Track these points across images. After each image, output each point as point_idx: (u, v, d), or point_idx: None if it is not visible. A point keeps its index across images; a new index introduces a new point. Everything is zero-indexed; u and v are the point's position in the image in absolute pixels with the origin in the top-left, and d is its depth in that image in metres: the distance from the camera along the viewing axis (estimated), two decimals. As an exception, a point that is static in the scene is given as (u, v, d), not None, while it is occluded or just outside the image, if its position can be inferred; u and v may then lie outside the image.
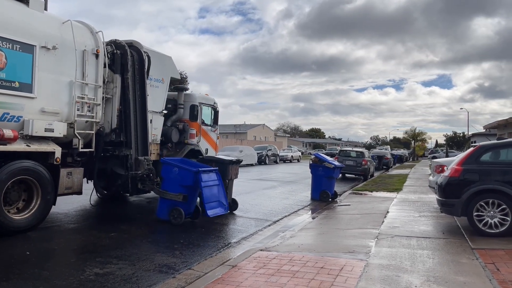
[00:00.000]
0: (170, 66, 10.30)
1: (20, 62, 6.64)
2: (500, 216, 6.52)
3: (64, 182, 7.34)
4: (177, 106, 11.07)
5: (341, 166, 13.41)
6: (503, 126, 32.31)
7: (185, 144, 10.96)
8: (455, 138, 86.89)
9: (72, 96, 7.52)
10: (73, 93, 7.53)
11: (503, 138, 22.65)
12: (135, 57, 8.94)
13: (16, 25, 6.63)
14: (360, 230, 7.41)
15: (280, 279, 4.53)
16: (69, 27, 7.52)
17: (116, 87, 8.57)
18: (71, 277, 4.70)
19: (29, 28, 6.84)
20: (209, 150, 11.94)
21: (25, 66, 6.71)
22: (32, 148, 6.73)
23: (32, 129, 6.74)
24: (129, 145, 8.63)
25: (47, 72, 7.06)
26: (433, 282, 4.46)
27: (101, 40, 8.19)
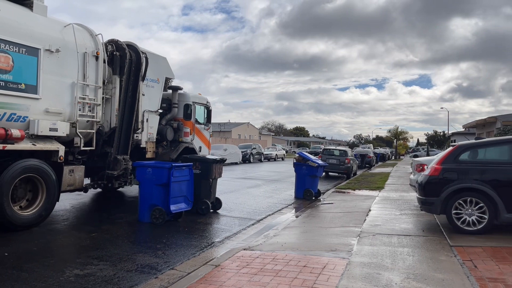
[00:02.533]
0: (165, 67, 10.54)
1: (25, 64, 6.90)
2: (477, 214, 6.68)
3: (67, 179, 7.62)
4: (171, 105, 11.33)
5: (325, 164, 13.53)
6: (482, 125, 33.09)
7: (180, 142, 11.22)
8: (436, 137, 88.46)
9: (74, 97, 7.84)
10: (75, 94, 7.84)
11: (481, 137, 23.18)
12: (133, 59, 9.16)
13: (22, 29, 6.89)
14: (343, 229, 7.49)
15: (263, 278, 4.55)
16: (70, 30, 7.84)
17: (114, 87, 8.86)
18: (50, 279, 4.62)
19: (34, 32, 7.11)
20: (202, 147, 12.21)
21: (30, 68, 6.97)
22: (38, 147, 7.00)
23: (37, 128, 7.02)
24: (111, 144, 8.80)
25: (50, 74, 7.35)
26: (412, 279, 4.54)
27: (100, 42, 8.47)
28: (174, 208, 7.76)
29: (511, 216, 6.54)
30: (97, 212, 8.83)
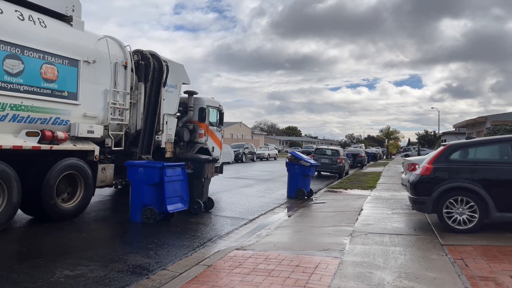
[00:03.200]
0: (182, 73, 11.41)
1: (68, 74, 7.77)
2: (468, 213, 6.73)
3: (100, 176, 8.47)
4: (187, 108, 12.16)
5: (317, 164, 13.56)
6: (472, 125, 33.44)
7: (195, 143, 12.07)
8: (427, 137, 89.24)
9: (107, 102, 8.69)
10: (108, 100, 8.70)
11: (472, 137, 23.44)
12: (156, 67, 9.99)
13: (65, 43, 7.77)
14: (335, 228, 7.51)
15: (255, 278, 4.53)
16: (104, 42, 8.70)
17: (140, 93, 9.68)
18: (40, 280, 4.55)
19: (74, 45, 7.99)
20: (215, 148, 13.03)
21: (71, 78, 7.84)
22: (78, 147, 7.93)
23: (78, 131, 7.89)
24: (137, 144, 9.64)
25: (88, 82, 8.20)
26: (404, 278, 4.56)
27: (128, 53, 9.35)
28: (171, 208, 7.70)
29: (501, 215, 6.61)
30: (87, 212, 8.73)
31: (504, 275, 4.63)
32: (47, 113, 7.43)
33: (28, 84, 7.07)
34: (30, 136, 7.09)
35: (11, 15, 6.93)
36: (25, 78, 7.01)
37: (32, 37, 7.16)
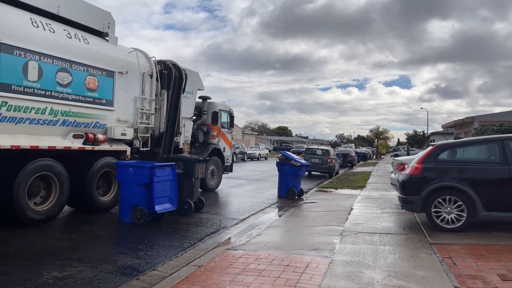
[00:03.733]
0: (197, 80, 12.49)
1: (105, 84, 8.81)
2: (456, 212, 6.81)
3: None
4: (201, 112, 13.36)
5: (307, 164, 13.60)
6: (460, 125, 33.86)
7: (209, 144, 13.22)
8: (416, 137, 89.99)
9: (136, 108, 9.76)
10: (137, 106, 9.78)
11: (460, 137, 23.76)
12: (177, 76, 11.01)
13: (103, 57, 8.83)
14: (325, 227, 7.54)
15: (246, 278, 4.53)
16: (134, 55, 9.79)
17: (163, 99, 10.71)
18: (28, 281, 4.50)
19: (111, 58, 9.05)
20: (225, 148, 14.18)
21: (108, 87, 8.89)
22: (113, 148, 8.97)
23: (113, 133, 8.94)
24: (160, 145, 10.60)
25: (121, 90, 9.24)
26: (393, 277, 4.60)
27: (153, 63, 10.42)
28: (159, 208, 7.68)
29: (488, 214, 6.70)
30: (76, 213, 8.65)
31: (492, 274, 4.69)
32: (89, 118, 8.51)
33: (75, 93, 8.13)
34: (76, 138, 8.17)
35: (61, 34, 7.97)
36: (73, 88, 8.06)
37: (78, 53, 8.21)
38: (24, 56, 7.15)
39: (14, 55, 6.98)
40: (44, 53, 7.47)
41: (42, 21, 7.66)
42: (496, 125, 21.72)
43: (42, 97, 7.45)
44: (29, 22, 7.38)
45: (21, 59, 7.10)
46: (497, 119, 25.68)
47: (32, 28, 7.38)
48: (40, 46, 7.42)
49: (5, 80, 6.84)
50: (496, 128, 20.59)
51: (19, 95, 7.07)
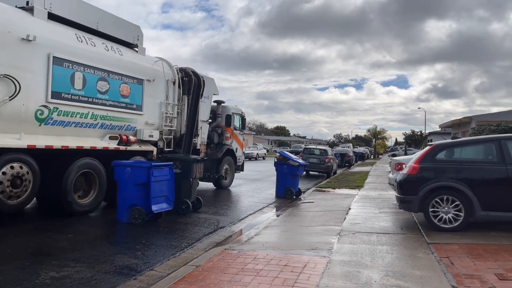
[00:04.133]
0: (213, 86, 13.47)
1: (136, 91, 9.75)
2: (454, 212, 6.82)
3: None
4: (216, 115, 14.33)
5: (305, 164, 13.61)
6: (457, 125, 33.97)
7: (223, 145, 14.06)
8: (413, 137, 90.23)
9: (161, 112, 10.66)
10: (162, 110, 10.68)
11: (457, 137, 23.81)
12: (196, 82, 11.91)
13: (134, 66, 9.78)
14: (323, 227, 7.54)
15: (244, 278, 4.53)
16: (160, 64, 10.76)
17: (184, 104, 11.61)
18: (25, 282, 4.48)
19: (140, 68, 9.99)
20: (238, 149, 15.10)
21: (138, 93, 9.82)
22: (142, 148, 9.88)
23: (142, 135, 9.83)
24: (180, 146, 11.45)
25: (149, 96, 10.13)
26: (391, 277, 4.61)
27: (176, 71, 11.36)
28: (155, 208, 7.67)
29: (486, 213, 6.72)
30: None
31: (489, 273, 4.71)
32: (122, 121, 9.42)
33: (112, 99, 9.06)
34: (112, 139, 9.09)
35: (100, 47, 8.90)
36: (110, 95, 9.00)
37: (114, 63, 9.12)
38: (71, 68, 8.10)
39: (63, 67, 7.93)
40: (87, 64, 8.42)
41: (85, 36, 8.62)
42: (493, 125, 21.78)
43: (85, 103, 8.41)
44: (75, 37, 8.37)
45: (69, 70, 8.06)
46: (495, 119, 25.77)
47: (77, 42, 8.36)
48: (84, 58, 8.35)
49: (57, 89, 7.79)
50: (493, 128, 20.65)
51: (68, 102, 8.03)
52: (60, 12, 8.20)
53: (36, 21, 7.62)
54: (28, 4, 7.68)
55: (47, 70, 7.60)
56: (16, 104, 7.10)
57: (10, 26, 7.04)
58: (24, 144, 7.19)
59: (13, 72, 7.01)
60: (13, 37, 7.05)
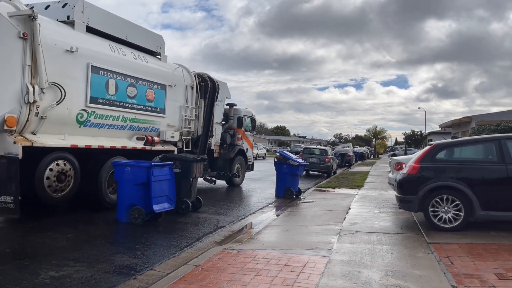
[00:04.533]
0: (225, 89, 14.29)
1: (159, 96, 10.55)
2: (453, 212, 6.82)
3: None
4: (228, 117, 15.16)
5: (305, 163, 13.60)
6: (457, 125, 33.96)
7: (235, 145, 14.88)
8: (413, 136, 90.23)
9: (181, 115, 11.56)
10: (181, 113, 11.58)
11: (457, 136, 23.81)
12: (211, 86, 12.78)
13: (158, 73, 10.59)
14: (323, 227, 7.54)
15: (243, 277, 4.52)
16: (180, 70, 11.66)
17: (200, 107, 12.54)
18: (25, 281, 4.48)
19: (163, 74, 10.81)
20: (248, 149, 15.89)
21: (161, 98, 10.62)
22: (165, 148, 10.67)
23: (165, 136, 10.67)
24: (197, 146, 12.31)
25: (170, 100, 10.96)
26: (391, 276, 4.60)
27: (194, 77, 12.25)
28: (157, 208, 7.66)
29: (485, 213, 6.72)
30: (73, 212, 8.62)
31: (489, 273, 4.70)
32: (148, 123, 10.22)
33: (139, 104, 9.83)
34: (139, 140, 9.88)
35: (129, 56, 9.74)
36: (137, 100, 9.78)
37: (141, 70, 9.91)
38: (106, 75, 8.90)
39: (99, 75, 8.72)
40: (119, 72, 9.22)
41: (116, 46, 9.45)
42: (493, 124, 21.77)
43: (117, 107, 9.20)
44: (109, 47, 9.19)
45: (104, 77, 8.86)
46: (494, 119, 25.76)
47: (111, 52, 9.18)
48: (116, 66, 9.15)
49: (94, 94, 8.59)
50: (493, 128, 20.63)
51: (103, 106, 8.83)
52: (96, 25, 9.05)
53: (77, 34, 8.48)
54: (69, 19, 8.53)
55: (86, 77, 8.42)
56: (61, 108, 7.93)
57: (57, 40, 7.85)
58: (68, 144, 8.05)
59: (59, 80, 7.81)
60: (59, 49, 7.85)
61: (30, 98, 7.22)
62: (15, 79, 7.17)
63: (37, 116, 7.48)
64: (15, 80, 7.17)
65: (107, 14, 9.51)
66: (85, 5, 8.75)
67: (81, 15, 8.65)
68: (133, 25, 10.41)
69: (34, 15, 7.19)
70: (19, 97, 7.20)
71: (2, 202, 6.75)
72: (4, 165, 6.88)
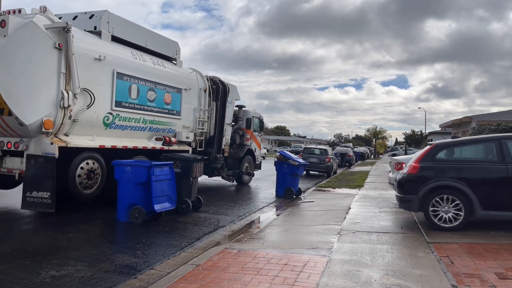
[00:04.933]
0: (235, 92, 15.00)
1: (176, 99, 11.27)
2: (454, 211, 6.83)
3: None
4: (237, 118, 15.85)
5: (306, 163, 13.61)
6: (458, 125, 33.96)
7: (244, 145, 15.52)
8: (414, 136, 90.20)
9: (195, 117, 12.30)
10: (195, 115, 12.31)
11: (458, 136, 23.81)
12: (222, 89, 13.59)
13: (174, 77, 11.28)
14: (323, 226, 7.54)
15: (244, 277, 4.53)
16: (194, 75, 12.42)
17: (212, 109, 13.30)
18: (25, 280, 4.48)
19: (179, 78, 11.51)
20: (256, 149, 16.45)
21: (177, 101, 11.34)
22: (180, 148, 11.34)
23: (181, 137, 11.39)
24: (212, 146, 13.17)
25: (185, 103, 11.71)
26: (391, 276, 4.61)
27: (207, 80, 12.98)
28: (158, 208, 7.66)
29: (486, 213, 6.72)
30: (73, 212, 8.62)
31: (489, 272, 4.71)
32: (165, 125, 10.92)
33: (158, 107, 10.53)
34: (157, 140, 10.54)
35: (149, 62, 10.41)
36: (156, 103, 10.47)
37: (159, 75, 10.56)
38: (129, 80, 9.55)
39: (123, 80, 9.38)
40: (140, 77, 9.89)
41: (137, 53, 10.13)
42: (493, 124, 21.77)
43: (138, 110, 9.91)
44: (131, 55, 9.86)
45: (127, 83, 9.52)
46: (495, 118, 25.76)
47: (133, 59, 9.84)
48: (137, 72, 9.81)
49: (119, 98, 9.27)
50: (493, 127, 20.64)
51: (126, 109, 9.52)
52: (120, 34, 9.75)
53: (104, 43, 9.17)
54: (96, 29, 9.25)
55: (112, 83, 9.08)
56: (91, 112, 8.64)
57: (87, 49, 8.52)
58: (97, 144, 8.77)
59: (89, 86, 8.49)
60: (89, 58, 8.53)
61: (65, 103, 7.91)
62: (52, 86, 7.84)
63: (70, 119, 8.17)
64: (52, 86, 7.84)
65: (129, 23, 10.27)
66: (110, 16, 9.48)
67: (106, 25, 9.38)
68: (151, 33, 11.17)
69: (68, 27, 7.82)
70: (55, 102, 7.88)
71: (40, 198, 7.43)
72: (42, 164, 7.57)
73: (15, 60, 7.51)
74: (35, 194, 7.46)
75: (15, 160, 8.20)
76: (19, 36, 7.52)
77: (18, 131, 7.91)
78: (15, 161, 8.20)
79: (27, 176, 7.61)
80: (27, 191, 7.51)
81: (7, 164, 8.31)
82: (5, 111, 7.72)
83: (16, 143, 8.03)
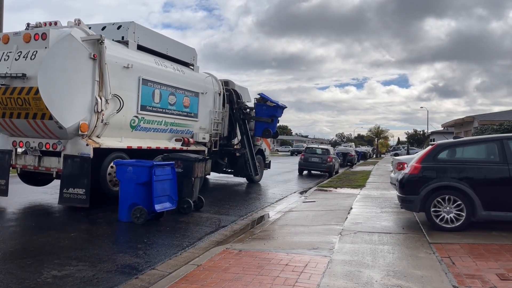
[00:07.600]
0: (247, 94, 15.99)
1: (193, 102, 12.13)
2: (455, 212, 6.81)
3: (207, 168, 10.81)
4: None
5: (284, 106, 15.20)
6: (460, 124, 33.88)
7: (254, 145, 16.01)
8: (416, 136, 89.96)
9: (211, 119, 13.17)
10: (211, 117, 13.19)
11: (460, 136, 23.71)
12: (234, 92, 14.61)
13: (192, 82, 12.11)
14: (325, 227, 7.54)
15: (245, 277, 4.53)
16: (210, 79, 13.31)
17: (226, 111, 14.23)
18: (27, 280, 4.50)
19: (196, 83, 12.34)
20: (265, 149, 17.40)
21: (195, 104, 12.20)
22: (197, 148, 12.23)
23: (198, 138, 12.32)
24: (245, 147, 14.55)
25: (202, 106, 12.55)
26: (392, 276, 4.61)
27: (221, 84, 13.86)
28: (159, 208, 7.69)
29: (487, 213, 6.71)
30: (75, 212, 8.65)
31: (490, 273, 4.70)
32: (184, 127, 11.78)
33: (177, 110, 11.36)
34: (177, 141, 11.42)
35: (170, 68, 11.24)
36: (176, 106, 11.30)
37: (179, 80, 11.39)
38: (152, 86, 10.34)
39: (147, 86, 10.18)
40: (162, 83, 10.68)
41: (159, 60, 10.91)
42: (496, 124, 21.69)
43: (161, 113, 10.71)
44: (154, 62, 10.66)
45: (151, 88, 10.31)
46: (497, 118, 25.68)
47: (155, 66, 10.62)
48: (160, 78, 10.58)
49: (143, 103, 10.07)
50: (496, 127, 20.57)
51: (150, 113, 10.33)
52: (144, 43, 10.58)
53: (131, 52, 9.99)
54: (123, 39, 10.10)
55: (138, 89, 9.86)
56: (119, 116, 9.42)
57: (117, 57, 9.29)
58: (125, 145, 9.60)
59: (118, 92, 9.29)
60: (119, 66, 9.30)
61: (98, 108, 8.70)
62: (87, 92, 8.62)
63: (102, 122, 8.94)
64: (87, 93, 8.62)
65: (152, 32, 11.15)
66: (136, 26, 10.37)
67: (133, 35, 10.22)
68: (172, 41, 11.95)
69: (102, 39, 8.58)
70: (90, 107, 8.66)
71: (76, 194, 8.15)
72: (78, 164, 8.30)
73: (55, 69, 8.16)
74: (72, 191, 8.17)
75: (53, 159, 8.91)
76: (59, 48, 8.19)
77: (57, 133, 8.61)
78: (53, 160, 8.91)
79: (65, 174, 8.30)
80: (64, 188, 8.20)
81: (45, 163, 9.00)
82: (46, 115, 8.29)
83: (54, 144, 8.78)
